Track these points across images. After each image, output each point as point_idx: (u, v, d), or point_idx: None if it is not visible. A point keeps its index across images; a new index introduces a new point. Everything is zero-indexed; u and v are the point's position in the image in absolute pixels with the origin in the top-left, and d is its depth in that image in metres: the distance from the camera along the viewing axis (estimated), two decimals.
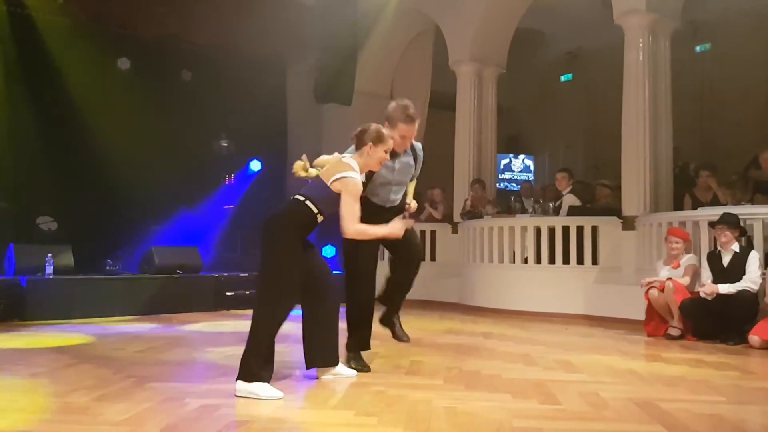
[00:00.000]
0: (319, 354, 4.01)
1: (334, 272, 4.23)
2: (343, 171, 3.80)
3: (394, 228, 3.92)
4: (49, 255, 7.45)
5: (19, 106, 8.84)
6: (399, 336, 4.56)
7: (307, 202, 3.77)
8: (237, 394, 3.54)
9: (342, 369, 4.14)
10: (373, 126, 4.02)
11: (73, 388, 3.65)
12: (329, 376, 4.06)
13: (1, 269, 7.78)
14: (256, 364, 3.58)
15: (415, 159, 4.54)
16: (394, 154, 4.24)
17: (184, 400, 3.39)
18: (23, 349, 5.22)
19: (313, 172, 4.28)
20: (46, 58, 9.06)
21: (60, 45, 9.12)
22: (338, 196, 3.76)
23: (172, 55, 10.06)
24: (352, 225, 3.74)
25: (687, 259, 6.50)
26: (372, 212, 4.08)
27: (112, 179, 9.24)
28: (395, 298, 4.65)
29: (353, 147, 4.09)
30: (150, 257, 8.34)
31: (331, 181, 3.79)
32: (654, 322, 6.44)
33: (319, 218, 3.80)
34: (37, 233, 8.67)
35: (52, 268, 7.44)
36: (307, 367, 4.02)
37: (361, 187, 3.85)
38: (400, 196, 4.50)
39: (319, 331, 3.99)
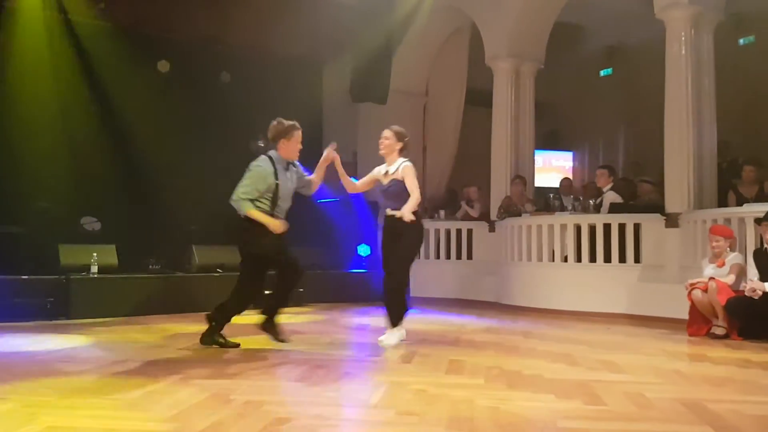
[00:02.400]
0: None
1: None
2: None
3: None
4: (95, 254, 7.62)
5: (64, 109, 9.05)
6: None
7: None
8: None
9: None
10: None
11: (121, 385, 3.73)
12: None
13: (47, 268, 7.96)
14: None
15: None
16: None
17: (230, 397, 3.44)
18: (70, 346, 5.35)
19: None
20: (89, 62, 9.25)
21: (101, 49, 9.31)
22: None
23: (210, 57, 10.17)
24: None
25: (732, 258, 6.34)
26: None
27: (153, 180, 9.39)
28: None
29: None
30: (191, 256, 8.47)
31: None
32: (697, 324, 6.31)
33: None
34: (82, 233, 8.87)
35: (96, 267, 7.61)
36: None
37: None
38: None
39: None
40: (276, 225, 5.00)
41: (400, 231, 5.34)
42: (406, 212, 5.17)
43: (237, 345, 5.20)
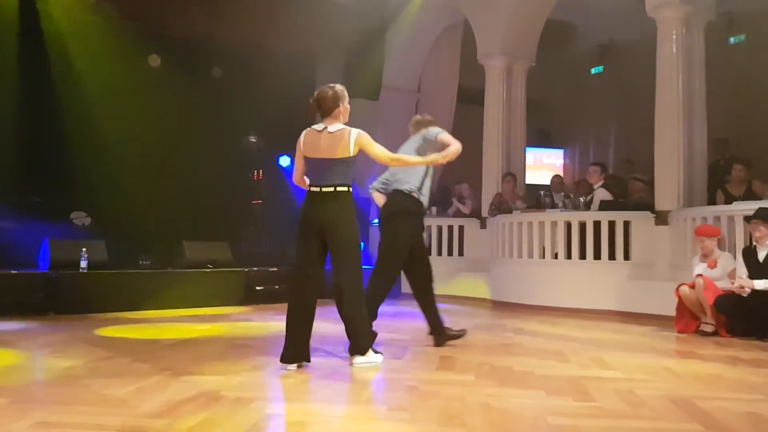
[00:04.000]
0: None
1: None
2: (347, 134, 4.30)
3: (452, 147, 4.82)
4: (84, 249, 7.58)
5: (54, 104, 8.99)
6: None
7: (350, 189, 4.35)
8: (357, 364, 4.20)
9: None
10: (337, 87, 4.47)
11: (111, 381, 3.71)
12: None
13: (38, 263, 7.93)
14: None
15: None
16: None
17: (220, 393, 3.43)
18: (59, 341, 5.32)
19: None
20: (78, 56, 9.19)
21: (93, 43, 9.25)
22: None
23: (203, 53, 10.15)
24: (390, 155, 4.51)
25: (725, 260, 6.33)
26: None
27: (143, 175, 9.37)
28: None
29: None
30: (181, 252, 8.45)
31: (352, 151, 4.28)
32: (684, 320, 6.36)
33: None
34: (72, 228, 8.82)
35: (86, 262, 7.57)
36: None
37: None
38: None
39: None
40: None
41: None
42: None
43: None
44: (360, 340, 4.28)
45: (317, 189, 4.25)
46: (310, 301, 4.24)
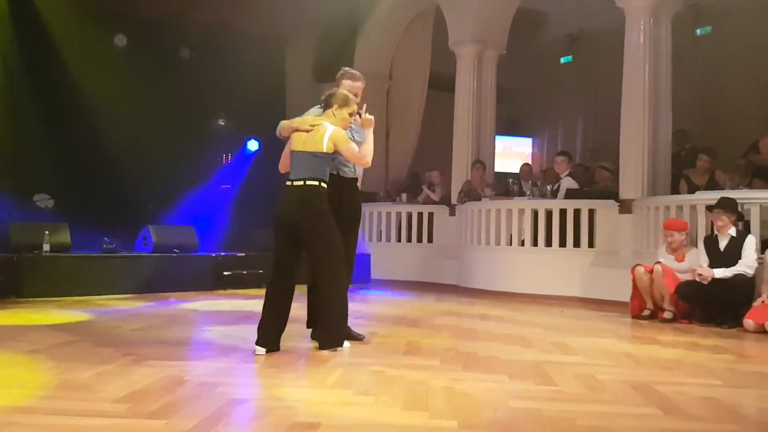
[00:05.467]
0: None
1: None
2: (325, 131, 4.23)
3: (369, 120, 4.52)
4: (47, 232, 7.43)
5: (17, 84, 8.78)
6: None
7: (323, 184, 4.22)
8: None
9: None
10: (340, 91, 4.47)
11: (73, 365, 3.66)
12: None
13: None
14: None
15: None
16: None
17: (184, 378, 3.41)
18: (22, 325, 5.23)
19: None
20: (43, 35, 8.98)
21: (57, 22, 9.04)
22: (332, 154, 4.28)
23: (171, 33, 9.97)
24: (369, 155, 4.39)
25: (693, 255, 6.37)
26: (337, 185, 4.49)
27: (109, 157, 9.22)
28: None
29: (318, 108, 4.58)
30: (147, 236, 8.34)
31: (325, 147, 4.21)
32: (637, 300, 6.54)
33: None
34: (34, 210, 8.65)
35: (49, 245, 7.43)
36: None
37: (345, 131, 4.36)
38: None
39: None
40: None
41: None
42: None
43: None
44: (334, 333, 4.28)
45: (290, 183, 4.27)
46: (285, 293, 4.24)
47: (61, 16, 9.04)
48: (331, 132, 4.26)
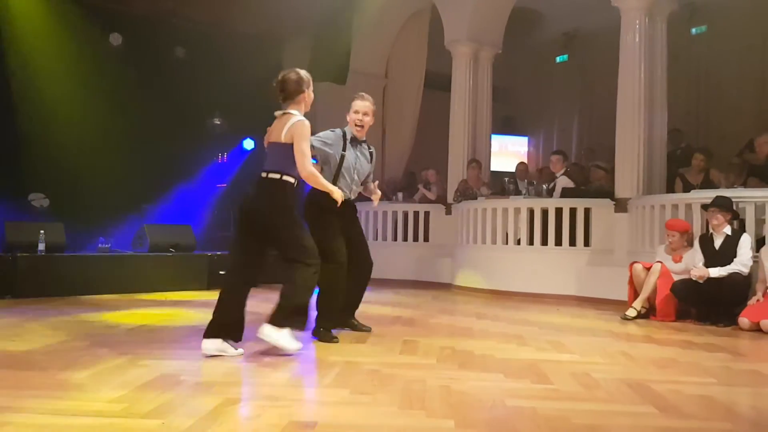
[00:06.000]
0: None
1: None
2: (288, 119, 4.03)
3: (337, 192, 4.30)
4: (42, 232, 7.42)
5: (11, 81, 8.75)
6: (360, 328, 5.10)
7: (285, 177, 4.03)
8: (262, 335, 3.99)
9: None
10: (302, 72, 4.22)
11: (68, 365, 3.65)
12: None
13: None
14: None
15: (371, 157, 5.13)
16: (354, 141, 4.92)
17: (179, 378, 3.40)
18: (16, 325, 5.21)
19: None
20: (36, 34, 8.95)
21: (51, 20, 9.01)
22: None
23: (166, 32, 9.95)
24: (309, 165, 4.04)
25: (690, 257, 6.38)
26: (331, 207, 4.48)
27: (104, 156, 9.19)
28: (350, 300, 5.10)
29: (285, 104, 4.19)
30: (143, 235, 8.32)
31: (283, 137, 4.00)
32: (634, 298, 6.53)
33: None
34: (29, 210, 8.63)
35: (44, 245, 7.41)
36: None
37: (309, 127, 4.05)
38: (357, 191, 5.03)
39: None
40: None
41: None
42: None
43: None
44: (283, 314, 4.02)
45: (257, 176, 4.12)
46: (239, 287, 4.08)
47: (57, 15, 9.01)
48: (293, 122, 4.01)
